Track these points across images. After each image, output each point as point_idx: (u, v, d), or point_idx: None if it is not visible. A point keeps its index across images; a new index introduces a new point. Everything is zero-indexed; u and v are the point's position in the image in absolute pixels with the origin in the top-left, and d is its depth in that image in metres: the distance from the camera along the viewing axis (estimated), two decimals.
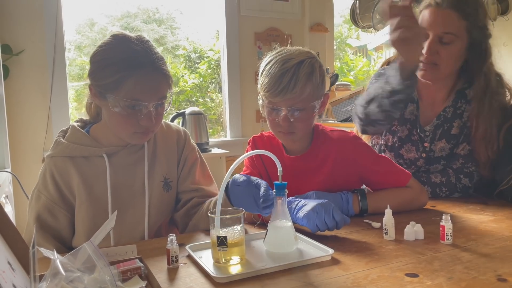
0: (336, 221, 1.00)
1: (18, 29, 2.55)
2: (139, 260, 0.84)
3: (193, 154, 1.30)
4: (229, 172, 0.89)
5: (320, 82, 1.18)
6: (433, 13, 1.33)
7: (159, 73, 1.10)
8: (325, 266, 0.85)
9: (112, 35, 1.12)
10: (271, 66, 1.14)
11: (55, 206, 1.13)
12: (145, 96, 1.08)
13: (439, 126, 1.43)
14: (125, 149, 1.19)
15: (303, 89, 1.12)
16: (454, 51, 1.34)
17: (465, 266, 0.82)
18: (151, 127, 1.14)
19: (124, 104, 1.07)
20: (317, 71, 1.16)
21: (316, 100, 1.18)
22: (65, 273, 0.66)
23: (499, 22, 3.20)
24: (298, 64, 1.13)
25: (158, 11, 5.78)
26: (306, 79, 1.13)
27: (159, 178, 1.22)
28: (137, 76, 1.06)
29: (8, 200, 2.11)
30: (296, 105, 1.14)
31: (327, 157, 1.25)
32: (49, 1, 2.62)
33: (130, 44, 1.09)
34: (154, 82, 1.10)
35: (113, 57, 1.08)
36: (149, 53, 1.09)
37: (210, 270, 0.81)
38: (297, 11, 3.42)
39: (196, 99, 4.41)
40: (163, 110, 1.15)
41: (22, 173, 2.47)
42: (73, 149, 1.15)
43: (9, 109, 2.40)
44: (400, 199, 1.21)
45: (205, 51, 4.64)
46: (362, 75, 5.87)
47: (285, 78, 1.11)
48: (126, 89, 1.06)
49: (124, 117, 1.09)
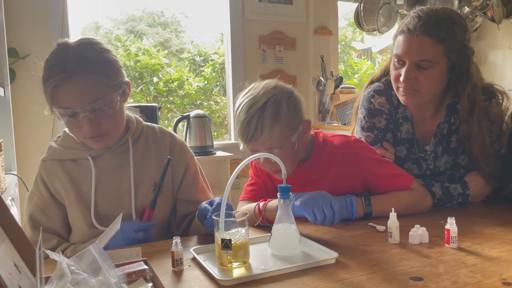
0: (333, 209, 1.01)
1: (24, 32, 2.57)
2: (144, 263, 0.84)
3: (193, 163, 1.32)
4: (233, 175, 0.89)
5: (291, 115, 1.14)
6: (407, 40, 1.28)
7: (75, 78, 1.05)
8: (330, 269, 0.85)
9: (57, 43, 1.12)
10: (239, 113, 1.15)
11: (47, 205, 1.17)
12: (70, 103, 1.06)
13: (438, 144, 1.42)
14: (109, 151, 1.20)
15: (271, 132, 1.11)
16: (433, 76, 1.29)
17: (470, 270, 0.82)
18: (100, 131, 1.11)
19: (60, 114, 1.09)
20: (284, 107, 1.12)
21: (291, 134, 1.15)
22: (70, 275, 0.66)
23: (504, 25, 3.19)
24: (262, 108, 1.11)
25: (163, 15, 5.80)
26: (272, 122, 1.10)
27: (148, 182, 1.22)
28: (52, 86, 1.06)
29: (14, 202, 2.12)
30: (270, 147, 1.14)
31: (330, 164, 1.26)
32: (55, 5, 2.64)
33: (58, 52, 1.09)
34: (74, 87, 1.05)
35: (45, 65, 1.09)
36: (66, 58, 1.06)
37: (215, 273, 0.81)
38: (301, 14, 3.43)
39: (201, 102, 4.42)
40: (110, 111, 1.10)
41: (28, 175, 2.48)
42: (61, 152, 1.19)
43: (15, 112, 2.42)
44: (404, 202, 1.21)
45: (209, 54, 4.66)
46: (367, 78, 5.85)
47: (251, 125, 1.10)
48: (50, 99, 1.08)
49: (70, 126, 1.12)
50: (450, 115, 1.41)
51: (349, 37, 6.79)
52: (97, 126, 1.09)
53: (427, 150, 1.43)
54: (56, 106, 1.08)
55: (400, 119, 1.45)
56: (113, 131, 1.15)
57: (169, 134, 1.31)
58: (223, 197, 0.89)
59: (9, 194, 1.89)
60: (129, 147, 1.21)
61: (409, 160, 1.45)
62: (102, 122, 1.10)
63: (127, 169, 1.20)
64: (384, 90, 1.45)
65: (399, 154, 1.45)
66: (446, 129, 1.41)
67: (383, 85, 1.46)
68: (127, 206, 1.18)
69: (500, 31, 3.25)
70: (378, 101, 1.44)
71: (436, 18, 1.27)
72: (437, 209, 1.29)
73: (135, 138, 1.24)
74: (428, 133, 1.44)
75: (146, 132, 1.27)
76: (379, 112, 1.43)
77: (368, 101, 1.46)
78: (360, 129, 1.46)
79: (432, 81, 1.30)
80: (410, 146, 1.45)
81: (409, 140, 1.45)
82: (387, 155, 1.38)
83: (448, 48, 1.27)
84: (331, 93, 3.33)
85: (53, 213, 1.17)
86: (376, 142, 1.41)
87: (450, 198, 1.32)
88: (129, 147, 1.21)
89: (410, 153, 1.45)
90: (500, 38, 3.44)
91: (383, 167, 1.26)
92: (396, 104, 1.44)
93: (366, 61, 6.27)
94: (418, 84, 1.30)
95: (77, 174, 1.18)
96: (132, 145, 1.22)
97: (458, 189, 1.32)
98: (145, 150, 1.24)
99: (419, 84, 1.30)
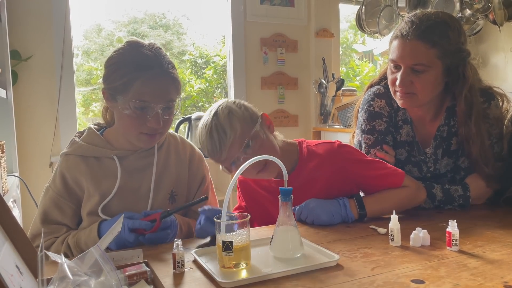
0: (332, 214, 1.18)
1: (27, 35, 2.58)
2: (145, 265, 0.85)
3: (208, 176, 1.35)
4: (234, 178, 0.89)
5: (243, 111, 1.20)
6: (401, 45, 1.30)
7: (167, 76, 1.14)
8: (331, 271, 0.85)
9: (126, 41, 1.19)
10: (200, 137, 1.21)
11: (61, 199, 1.18)
12: (152, 98, 1.12)
13: (438, 146, 1.42)
14: (135, 154, 1.23)
15: (233, 130, 1.15)
16: (429, 80, 1.29)
17: (472, 273, 0.82)
18: (158, 130, 1.16)
19: (132, 105, 1.11)
20: (234, 107, 1.19)
21: (253, 125, 1.19)
22: (72, 277, 0.66)
23: (506, 27, 3.19)
24: (215, 117, 1.17)
25: (164, 17, 5.82)
26: (230, 121, 1.16)
27: (166, 190, 1.24)
28: (145, 78, 1.10)
29: (16, 204, 2.12)
30: (241, 144, 1.16)
31: (317, 172, 1.26)
32: (58, 7, 2.65)
33: (141, 49, 1.14)
34: (162, 84, 1.13)
35: (123, 60, 1.13)
36: (158, 57, 1.14)
37: (216, 275, 0.81)
38: (303, 16, 3.43)
39: (202, 104, 4.43)
40: (171, 114, 1.18)
41: (30, 177, 2.50)
42: (86, 149, 1.20)
43: (18, 114, 2.43)
44: (397, 199, 1.22)
45: (211, 56, 4.67)
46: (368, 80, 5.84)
47: (214, 135, 1.16)
48: (134, 90, 1.10)
49: (133, 119, 1.13)
50: (450, 117, 1.41)
51: (350, 39, 6.80)
52: (160, 124, 1.14)
53: (427, 152, 1.43)
54: (133, 97, 1.10)
55: (400, 122, 1.45)
56: (165, 131, 1.21)
57: (189, 145, 1.35)
58: (224, 199, 0.89)
59: (10, 196, 1.90)
60: (154, 153, 1.24)
61: (409, 163, 1.45)
62: (164, 121, 1.15)
63: (148, 173, 1.22)
64: (384, 93, 1.45)
65: (399, 157, 1.45)
66: (446, 131, 1.41)
67: (383, 88, 1.47)
68: (142, 209, 1.19)
69: (502, 33, 3.25)
70: (378, 104, 1.44)
71: (429, 22, 1.28)
72: (439, 211, 1.29)
73: (160, 144, 1.27)
74: (428, 136, 1.44)
75: (168, 140, 1.31)
76: (379, 115, 1.44)
77: (368, 104, 1.46)
78: (360, 132, 1.46)
79: (428, 84, 1.31)
80: (410, 149, 1.45)
81: (409, 143, 1.45)
82: (387, 158, 1.38)
83: (442, 51, 1.28)
84: (332, 95, 3.34)
85: (65, 206, 1.18)
86: (376, 145, 1.42)
87: (451, 199, 1.31)
88: (154, 153, 1.24)
89: (411, 156, 1.45)
90: (501, 40, 3.44)
91: (372, 167, 1.26)
92: (396, 107, 1.44)
93: (368, 64, 6.28)
94: (414, 88, 1.31)
95: (99, 172, 1.19)
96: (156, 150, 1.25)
97: (459, 190, 1.32)
98: (167, 158, 1.27)
99: (415, 88, 1.31)
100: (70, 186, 1.19)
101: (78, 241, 1.11)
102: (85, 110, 4.76)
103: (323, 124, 3.38)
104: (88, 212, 1.17)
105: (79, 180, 1.18)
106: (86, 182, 1.18)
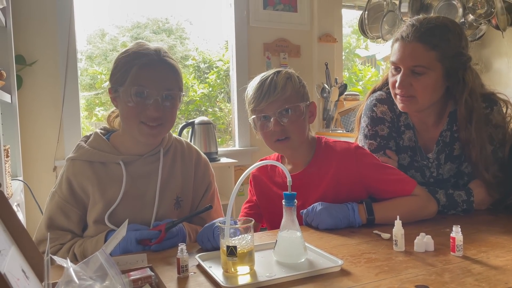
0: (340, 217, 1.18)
1: (31, 40, 2.60)
2: (149, 269, 0.85)
3: (213, 182, 1.35)
4: (238, 183, 0.90)
5: (301, 86, 1.27)
6: (401, 47, 1.31)
7: (164, 63, 1.16)
8: (335, 277, 0.85)
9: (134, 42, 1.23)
10: (252, 83, 1.29)
11: (67, 205, 1.18)
12: (149, 82, 1.13)
13: (440, 151, 1.42)
14: (142, 159, 1.22)
15: (283, 89, 1.22)
16: (428, 83, 1.30)
17: (476, 278, 0.82)
18: (159, 120, 1.16)
19: (132, 92, 1.13)
20: (295, 78, 1.27)
21: (300, 101, 1.24)
22: (78, 281, 0.66)
23: (509, 32, 3.19)
24: (275, 73, 1.25)
25: (167, 22, 5.85)
26: (285, 82, 1.23)
27: (171, 195, 1.23)
28: (141, 63, 1.13)
29: (20, 208, 2.13)
30: (281, 107, 1.21)
31: (330, 168, 1.27)
32: (62, 12, 2.67)
33: (144, 45, 1.17)
34: (159, 70, 1.15)
35: (125, 56, 1.16)
36: (156, 49, 1.17)
37: (220, 280, 0.81)
38: (305, 21, 3.44)
39: (205, 109, 4.44)
40: (173, 106, 1.18)
41: (34, 181, 2.50)
42: (92, 154, 1.20)
43: (22, 118, 2.44)
44: (407, 208, 1.21)
45: (214, 61, 4.68)
46: (371, 85, 5.85)
47: (265, 85, 1.23)
48: (131, 76, 1.13)
49: (132, 108, 1.14)
50: (453, 123, 1.41)
51: (353, 44, 6.81)
52: (160, 113, 1.15)
53: (429, 158, 1.43)
54: (130, 83, 1.13)
55: (402, 127, 1.45)
56: (168, 125, 1.20)
57: (195, 151, 1.34)
58: (229, 204, 0.89)
59: (15, 200, 1.90)
60: (160, 158, 1.24)
61: (412, 168, 1.45)
62: (165, 111, 1.16)
63: (154, 179, 1.22)
64: (386, 99, 1.46)
65: (402, 162, 1.45)
66: (448, 136, 1.41)
67: (385, 93, 1.47)
68: (148, 215, 1.19)
69: (505, 38, 3.25)
70: (381, 110, 1.45)
71: (429, 25, 1.30)
72: (443, 217, 1.29)
73: (166, 150, 1.27)
74: (430, 141, 1.44)
75: (174, 146, 1.30)
76: (381, 120, 1.44)
77: (370, 109, 1.47)
78: (363, 137, 1.47)
79: (427, 87, 1.31)
80: (413, 154, 1.45)
81: (411, 148, 1.45)
82: (390, 162, 1.38)
83: (442, 54, 1.28)
84: (335, 100, 3.34)
85: (71, 212, 1.18)
86: (379, 150, 1.42)
87: (454, 204, 1.31)
88: (160, 158, 1.24)
89: (413, 161, 1.45)
90: (504, 45, 3.44)
91: (385, 172, 1.27)
92: (398, 113, 1.45)
93: (371, 68, 6.28)
94: (414, 90, 1.31)
95: (105, 177, 1.19)
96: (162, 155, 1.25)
97: (462, 195, 1.32)
98: (173, 163, 1.27)
99: (415, 90, 1.31)
100: (76, 191, 1.18)
101: (84, 251, 1.11)
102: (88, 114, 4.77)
103: (326, 129, 3.38)
104: (94, 220, 1.16)
105: (85, 186, 1.18)
106: (92, 188, 1.17)
